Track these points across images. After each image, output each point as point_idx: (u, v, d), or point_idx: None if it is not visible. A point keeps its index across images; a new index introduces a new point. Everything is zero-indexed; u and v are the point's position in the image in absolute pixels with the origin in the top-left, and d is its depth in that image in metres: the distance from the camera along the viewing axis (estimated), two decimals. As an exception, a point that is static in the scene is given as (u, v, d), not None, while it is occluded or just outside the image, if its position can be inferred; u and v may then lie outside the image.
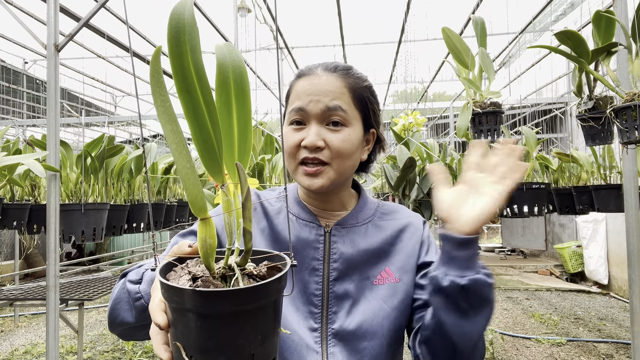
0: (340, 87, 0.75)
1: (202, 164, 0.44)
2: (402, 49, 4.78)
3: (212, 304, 0.41)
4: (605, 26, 1.50)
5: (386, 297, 0.76)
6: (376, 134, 0.83)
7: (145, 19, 5.02)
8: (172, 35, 0.41)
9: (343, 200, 0.83)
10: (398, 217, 0.86)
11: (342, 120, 0.74)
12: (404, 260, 0.80)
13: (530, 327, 4.67)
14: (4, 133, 2.56)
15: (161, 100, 0.42)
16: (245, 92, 0.45)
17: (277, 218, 0.83)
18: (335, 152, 0.73)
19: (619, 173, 2.95)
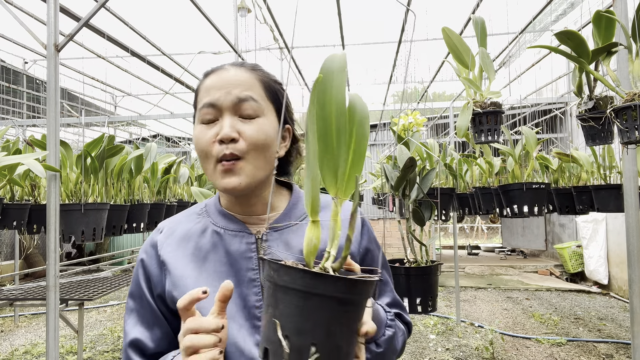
0: (251, 79, 0.74)
1: (322, 176, 0.53)
2: (402, 49, 4.78)
3: (318, 284, 0.46)
4: (605, 26, 1.50)
5: None
6: (292, 131, 0.81)
7: (145, 19, 5.01)
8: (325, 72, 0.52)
9: (265, 203, 0.79)
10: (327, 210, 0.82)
11: (255, 111, 0.71)
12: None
13: (530, 327, 4.67)
14: (4, 133, 2.56)
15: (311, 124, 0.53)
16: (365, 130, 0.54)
17: (202, 238, 0.77)
18: (250, 144, 0.70)
19: (619, 173, 2.95)
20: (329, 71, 0.52)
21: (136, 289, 0.78)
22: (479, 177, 3.28)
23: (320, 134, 0.51)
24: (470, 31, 4.21)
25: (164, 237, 0.80)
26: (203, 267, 0.74)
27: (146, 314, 0.76)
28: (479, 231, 15.33)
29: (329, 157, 0.52)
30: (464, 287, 6.76)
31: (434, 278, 1.92)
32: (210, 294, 0.68)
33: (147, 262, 0.78)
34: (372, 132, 9.37)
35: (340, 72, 0.52)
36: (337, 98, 0.52)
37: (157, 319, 0.76)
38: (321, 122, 0.51)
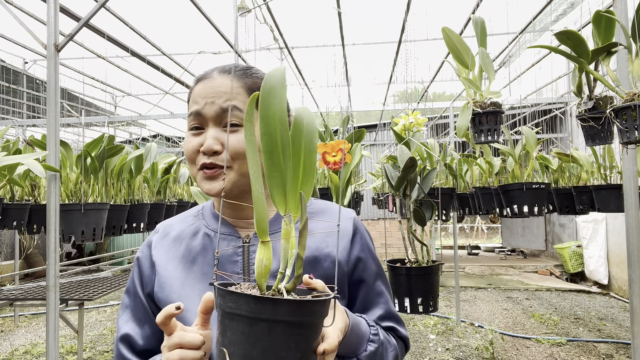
0: (236, 87, 0.73)
1: (270, 193, 0.52)
2: (402, 49, 4.78)
3: (264, 309, 0.45)
4: (605, 26, 1.50)
5: None
6: None
7: (145, 19, 5.01)
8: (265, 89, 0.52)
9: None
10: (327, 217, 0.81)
11: (239, 120, 0.71)
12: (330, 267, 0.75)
13: (530, 327, 4.67)
14: (4, 133, 2.56)
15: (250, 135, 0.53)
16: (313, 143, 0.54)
17: (193, 240, 0.79)
18: (234, 154, 0.71)
19: (619, 173, 2.95)
20: (270, 86, 0.51)
21: (131, 286, 0.81)
22: (479, 177, 3.28)
23: (267, 150, 0.51)
24: (470, 31, 4.21)
25: (159, 238, 0.82)
26: (191, 269, 0.76)
27: (138, 312, 0.78)
28: (479, 231, 15.33)
29: (276, 174, 0.51)
30: (464, 287, 6.76)
31: (435, 278, 1.92)
32: (196, 297, 0.71)
33: (142, 261, 0.81)
34: (372, 132, 9.37)
35: (281, 87, 0.51)
36: (280, 113, 0.51)
37: (148, 317, 0.78)
38: (267, 137, 0.51)
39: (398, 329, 0.84)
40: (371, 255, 0.83)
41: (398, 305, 1.94)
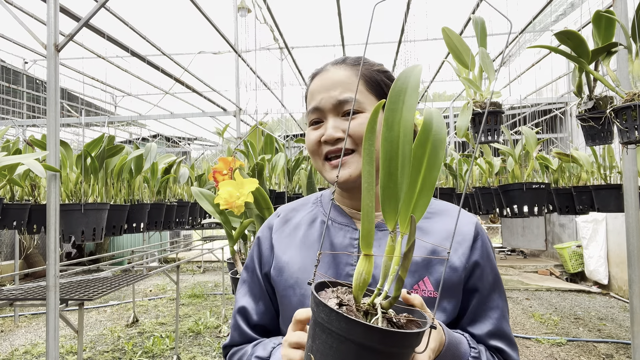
0: (349, 77, 0.74)
1: (381, 205, 0.48)
2: (402, 49, 4.78)
3: (354, 332, 0.44)
4: (605, 26, 1.50)
5: None
6: None
7: (145, 19, 5.02)
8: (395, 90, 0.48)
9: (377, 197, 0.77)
10: (447, 219, 0.77)
11: (357, 108, 0.72)
12: (446, 272, 0.72)
13: (530, 327, 4.67)
14: (4, 133, 2.56)
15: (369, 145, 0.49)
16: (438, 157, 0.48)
17: (311, 227, 0.81)
18: (356, 138, 0.72)
19: (619, 173, 2.95)
20: (399, 89, 0.47)
21: (250, 263, 0.86)
22: (479, 177, 3.28)
23: (385, 158, 0.47)
24: (470, 31, 4.21)
25: (279, 223, 0.85)
26: (308, 256, 0.78)
27: (254, 288, 0.83)
28: (479, 231, 15.33)
29: (391, 186, 0.48)
30: (464, 287, 6.76)
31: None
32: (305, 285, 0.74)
33: (262, 242, 0.85)
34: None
35: (413, 91, 0.47)
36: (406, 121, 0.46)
37: (262, 294, 0.82)
38: (387, 145, 0.47)
39: (508, 352, 0.76)
40: (490, 264, 0.77)
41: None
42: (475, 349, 0.70)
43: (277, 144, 2.85)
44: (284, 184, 2.87)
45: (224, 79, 6.77)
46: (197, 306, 5.92)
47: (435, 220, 0.77)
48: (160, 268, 4.46)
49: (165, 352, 4.06)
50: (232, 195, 1.35)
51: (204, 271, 9.09)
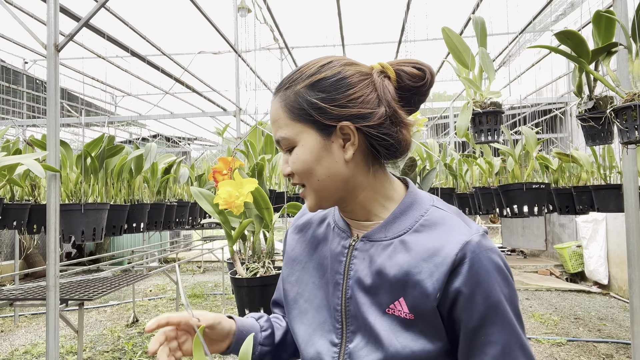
0: (279, 112, 0.70)
1: None
2: (402, 49, 4.78)
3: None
4: (605, 26, 1.50)
5: (397, 332, 0.65)
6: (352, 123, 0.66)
7: (145, 19, 5.02)
8: None
9: (368, 209, 0.72)
10: (434, 234, 0.67)
11: (289, 144, 0.69)
12: (418, 298, 0.64)
13: (530, 327, 4.67)
14: (4, 133, 2.56)
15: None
16: None
17: (319, 227, 0.82)
18: (296, 175, 0.70)
19: (619, 173, 2.95)
20: None
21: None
22: (479, 177, 3.28)
23: None
24: (470, 31, 4.21)
25: (295, 219, 0.88)
26: (312, 255, 0.80)
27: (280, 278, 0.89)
28: (479, 231, 15.32)
29: None
30: (464, 287, 6.76)
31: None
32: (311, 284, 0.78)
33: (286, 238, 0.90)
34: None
35: None
36: None
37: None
38: None
39: None
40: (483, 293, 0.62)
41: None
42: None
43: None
44: (284, 184, 2.87)
45: (224, 79, 6.77)
46: (197, 306, 5.92)
47: (424, 234, 0.67)
48: (160, 268, 4.46)
49: (165, 352, 4.06)
50: (231, 195, 1.35)
51: (204, 271, 9.09)
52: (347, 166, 0.68)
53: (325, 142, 0.67)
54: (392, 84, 0.69)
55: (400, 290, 0.66)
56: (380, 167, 0.72)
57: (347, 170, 0.68)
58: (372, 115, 0.66)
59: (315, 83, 0.67)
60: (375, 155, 0.69)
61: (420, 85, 0.70)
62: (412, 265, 0.65)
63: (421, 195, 0.74)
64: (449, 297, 0.63)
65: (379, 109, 0.66)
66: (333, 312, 0.72)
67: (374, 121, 0.66)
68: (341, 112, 0.66)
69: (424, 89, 0.71)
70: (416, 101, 0.72)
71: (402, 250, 0.67)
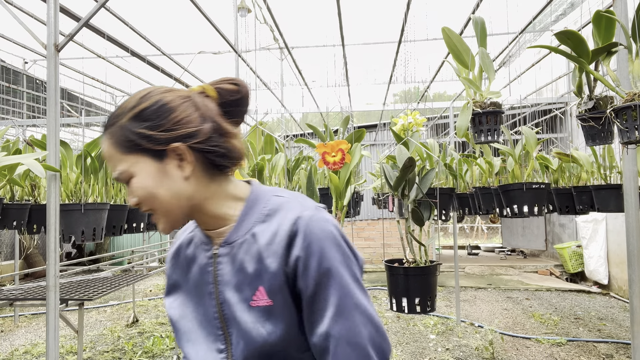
0: (110, 149, 0.72)
1: None
2: (402, 49, 4.78)
3: None
4: (605, 26, 1.50)
5: (262, 321, 0.70)
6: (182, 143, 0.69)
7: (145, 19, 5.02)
8: None
9: (220, 216, 0.76)
10: (274, 219, 0.73)
11: (126, 178, 0.72)
12: (270, 280, 0.70)
13: (530, 327, 4.67)
14: (4, 133, 2.56)
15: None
16: None
17: (188, 248, 0.83)
18: (143, 201, 0.72)
19: (619, 173, 2.95)
20: None
21: None
22: (479, 177, 3.28)
23: None
24: (470, 31, 4.20)
25: (173, 245, 0.90)
26: (187, 276, 0.82)
27: None
28: (479, 231, 15.33)
29: None
30: (464, 287, 6.76)
31: (433, 278, 1.92)
32: (191, 304, 0.79)
33: (167, 264, 0.89)
34: (372, 132, 9.37)
35: None
36: None
37: None
38: None
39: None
40: (317, 256, 0.68)
41: (396, 305, 1.94)
42: None
43: (277, 144, 2.85)
44: (284, 184, 2.87)
45: (224, 79, 6.75)
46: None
47: (268, 222, 0.74)
48: (160, 268, 4.46)
49: (165, 352, 4.06)
50: (232, 195, 1.35)
51: (204, 271, 9.08)
52: (188, 183, 0.72)
53: (161, 166, 0.70)
54: (213, 102, 0.75)
55: (257, 280, 0.71)
56: (221, 175, 0.76)
57: (189, 187, 0.72)
58: (199, 132, 0.70)
59: (138, 114, 0.70)
60: (213, 166, 0.74)
61: (239, 98, 0.77)
62: (261, 253, 0.71)
63: (263, 189, 0.80)
64: (290, 268, 0.70)
65: (204, 125, 0.71)
66: (213, 321, 0.76)
67: (202, 137, 0.71)
68: (169, 136, 0.69)
69: (242, 101, 0.77)
70: (239, 113, 0.78)
71: (254, 242, 0.73)
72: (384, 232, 8.97)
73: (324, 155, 1.96)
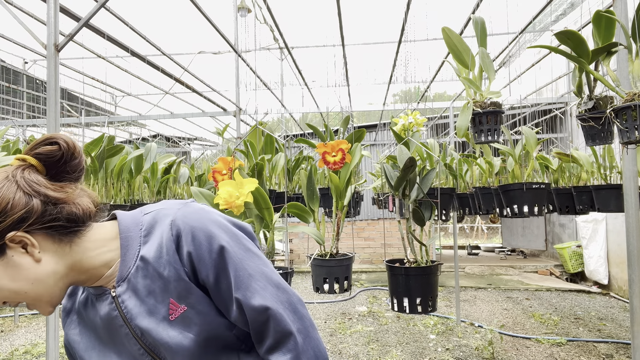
0: None
1: None
2: (402, 49, 4.78)
3: None
4: (605, 26, 1.50)
5: (187, 327, 0.70)
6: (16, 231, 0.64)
7: (145, 19, 5.02)
8: None
9: (101, 265, 0.73)
10: (154, 235, 0.73)
11: None
12: (177, 288, 0.70)
13: (530, 327, 4.67)
14: (4, 133, 2.56)
15: None
16: None
17: (86, 310, 0.78)
18: (7, 302, 0.68)
19: (619, 173, 2.95)
20: None
21: None
22: (479, 177, 3.28)
23: None
24: (470, 31, 4.20)
25: (63, 320, 0.82)
26: (98, 335, 0.77)
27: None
28: (479, 231, 15.33)
29: None
30: (464, 287, 6.76)
31: (434, 278, 1.92)
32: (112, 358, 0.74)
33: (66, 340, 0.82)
34: (372, 132, 9.38)
35: None
36: None
37: None
38: None
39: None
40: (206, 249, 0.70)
41: (397, 305, 1.94)
42: None
43: (277, 144, 2.85)
44: (284, 184, 2.87)
45: (224, 79, 6.77)
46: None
47: (150, 241, 0.73)
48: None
49: (165, 352, 4.06)
50: (231, 195, 1.35)
51: (204, 271, 9.09)
52: (44, 263, 0.67)
53: (6, 261, 0.65)
54: (37, 171, 0.69)
55: (165, 294, 0.70)
56: (77, 235, 0.71)
57: (46, 267, 0.67)
58: (29, 213, 0.65)
59: None
60: (63, 233, 0.69)
61: (60, 156, 0.70)
62: (157, 269, 0.70)
63: (130, 215, 0.77)
64: (188, 266, 0.70)
65: (32, 202, 0.65)
66: (140, 357, 0.73)
67: (35, 216, 0.65)
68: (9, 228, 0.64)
69: (67, 157, 0.71)
70: (71, 169, 0.72)
71: (146, 264, 0.71)
72: (384, 232, 8.97)
73: (324, 155, 1.96)
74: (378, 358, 3.87)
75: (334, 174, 2.03)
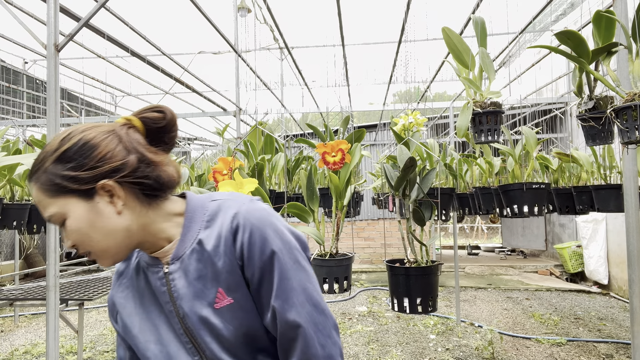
0: (38, 194, 0.71)
1: None
2: (402, 49, 4.77)
3: None
4: (606, 26, 1.50)
5: (230, 318, 0.74)
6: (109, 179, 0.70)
7: (145, 19, 5.01)
8: None
9: (163, 237, 0.77)
10: (216, 222, 0.76)
11: (59, 219, 0.71)
12: (227, 279, 0.74)
13: (530, 327, 4.67)
14: (4, 133, 2.56)
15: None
16: None
17: (138, 277, 0.82)
18: (78, 245, 0.73)
19: (619, 173, 2.95)
20: None
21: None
22: (479, 177, 3.28)
23: None
24: (470, 31, 4.20)
25: (114, 282, 0.87)
26: (144, 303, 0.81)
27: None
28: (479, 231, 15.33)
29: None
30: (464, 287, 6.76)
31: (434, 278, 1.92)
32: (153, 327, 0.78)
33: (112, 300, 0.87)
34: (372, 132, 9.37)
35: None
36: None
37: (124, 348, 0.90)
38: None
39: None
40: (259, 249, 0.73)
41: (397, 305, 1.94)
42: None
43: (277, 144, 2.85)
44: (284, 184, 2.87)
45: (224, 79, 6.77)
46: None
47: (211, 227, 0.76)
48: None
49: (165, 352, 4.06)
50: (232, 195, 1.35)
51: (204, 271, 9.08)
52: (123, 217, 0.72)
53: (91, 205, 0.70)
54: (139, 132, 0.75)
55: (215, 282, 0.74)
56: (156, 200, 0.76)
57: (124, 221, 0.72)
58: (124, 165, 0.71)
59: (60, 157, 0.70)
60: (145, 194, 0.74)
61: (165, 125, 0.77)
62: (212, 257, 0.74)
63: (199, 198, 0.81)
64: (240, 260, 0.73)
65: (129, 157, 0.71)
66: (180, 337, 0.77)
67: (129, 170, 0.71)
68: (95, 174, 0.69)
69: (168, 128, 0.78)
70: (168, 139, 0.78)
71: (202, 249, 0.75)
72: (384, 232, 8.97)
73: (324, 155, 1.96)
74: (378, 358, 3.87)
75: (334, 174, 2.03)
